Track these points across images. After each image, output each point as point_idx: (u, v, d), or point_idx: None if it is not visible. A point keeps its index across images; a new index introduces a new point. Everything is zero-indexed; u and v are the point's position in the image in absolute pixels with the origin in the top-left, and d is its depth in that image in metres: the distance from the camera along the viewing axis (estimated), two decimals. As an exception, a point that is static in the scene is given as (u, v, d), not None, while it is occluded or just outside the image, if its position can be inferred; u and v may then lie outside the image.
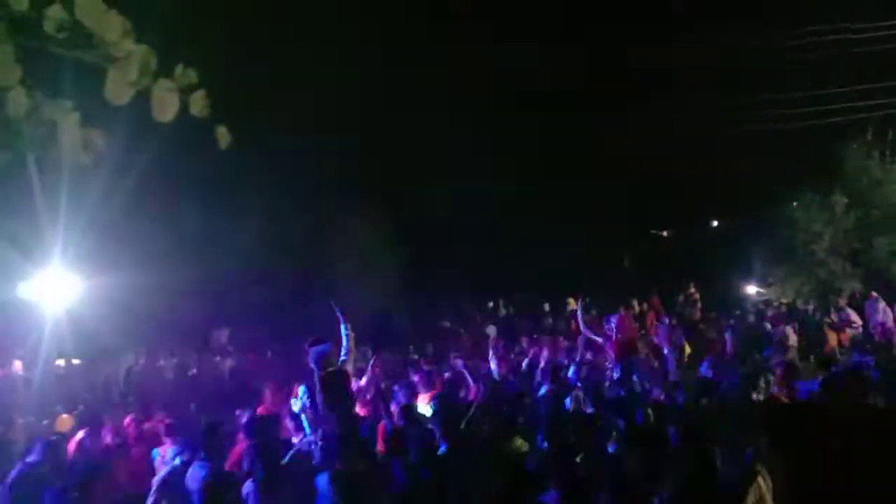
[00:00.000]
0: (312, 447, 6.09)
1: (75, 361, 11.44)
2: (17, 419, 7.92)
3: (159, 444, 6.50)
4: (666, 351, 10.64)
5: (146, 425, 7.37)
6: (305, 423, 6.77)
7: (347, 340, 7.11)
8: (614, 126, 23.59)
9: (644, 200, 27.65)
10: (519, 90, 24.52)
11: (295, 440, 6.63)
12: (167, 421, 6.73)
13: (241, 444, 6.25)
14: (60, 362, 11.08)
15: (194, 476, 5.25)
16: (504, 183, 20.13)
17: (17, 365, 10.00)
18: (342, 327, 7.15)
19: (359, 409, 7.31)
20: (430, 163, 20.05)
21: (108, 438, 7.00)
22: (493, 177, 19.67)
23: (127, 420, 7.34)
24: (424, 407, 7.45)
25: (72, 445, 6.52)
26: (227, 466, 5.82)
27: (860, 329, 15.06)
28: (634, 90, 25.51)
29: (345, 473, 4.92)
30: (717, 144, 23.42)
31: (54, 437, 6.34)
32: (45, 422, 8.15)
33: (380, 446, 6.44)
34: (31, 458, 5.78)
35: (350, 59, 17.11)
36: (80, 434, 6.74)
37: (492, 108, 22.84)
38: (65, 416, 8.22)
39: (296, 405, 7.07)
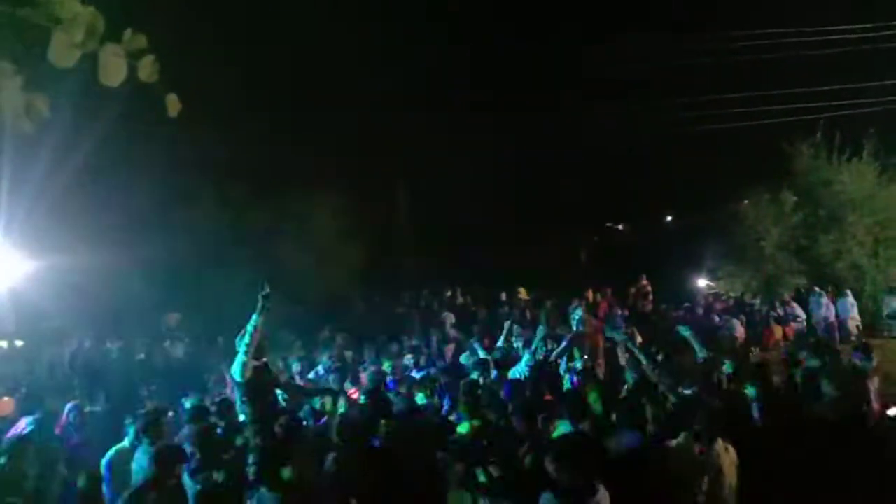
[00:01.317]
0: None
1: (18, 343, 11.10)
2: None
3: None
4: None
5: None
6: None
7: (252, 333, 5.96)
8: (573, 126, 23.90)
9: (601, 198, 28.13)
10: (478, 91, 24.71)
11: None
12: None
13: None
14: (2, 343, 10.75)
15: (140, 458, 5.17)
16: (462, 179, 20.28)
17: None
18: (255, 315, 5.94)
19: None
20: (392, 158, 20.09)
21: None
22: (453, 174, 19.81)
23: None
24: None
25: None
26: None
27: (804, 323, 15.55)
28: (593, 91, 25.84)
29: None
30: (673, 143, 23.90)
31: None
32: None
33: None
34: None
35: (317, 47, 16.90)
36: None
37: (452, 108, 23.01)
38: (6, 398, 7.98)
39: None
